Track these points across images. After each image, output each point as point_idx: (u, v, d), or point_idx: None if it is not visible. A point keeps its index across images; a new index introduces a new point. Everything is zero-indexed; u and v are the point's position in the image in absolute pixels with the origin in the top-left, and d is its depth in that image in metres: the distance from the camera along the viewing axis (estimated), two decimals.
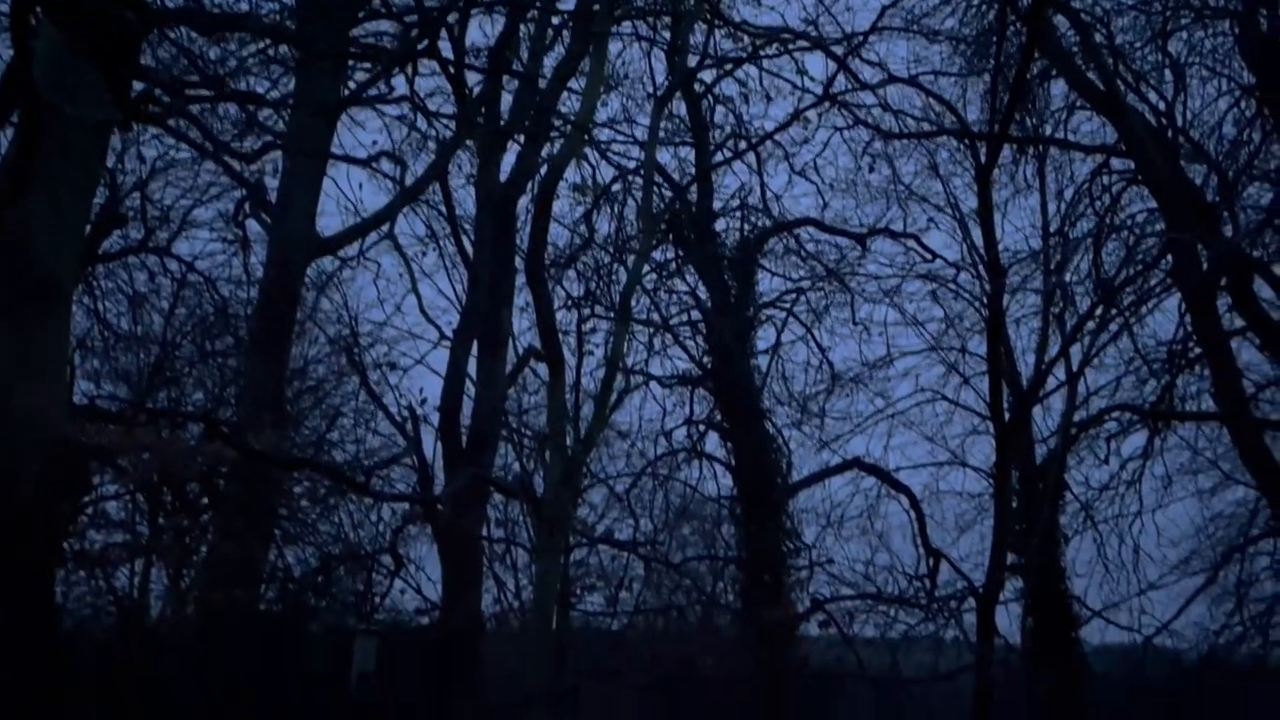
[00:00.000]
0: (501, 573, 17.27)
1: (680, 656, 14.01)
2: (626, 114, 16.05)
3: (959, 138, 15.47)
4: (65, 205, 8.24)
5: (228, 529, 11.32)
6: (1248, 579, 15.12)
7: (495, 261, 13.73)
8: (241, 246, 14.82)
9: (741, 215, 17.16)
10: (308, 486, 15.00)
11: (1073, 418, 15.38)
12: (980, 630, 14.18)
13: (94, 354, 15.55)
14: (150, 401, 14.43)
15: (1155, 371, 15.27)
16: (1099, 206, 15.36)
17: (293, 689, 11.60)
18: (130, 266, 15.41)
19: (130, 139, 14.20)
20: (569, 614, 16.84)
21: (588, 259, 16.18)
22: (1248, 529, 15.17)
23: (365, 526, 15.80)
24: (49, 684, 7.73)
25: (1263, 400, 14.82)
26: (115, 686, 11.64)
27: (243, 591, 11.08)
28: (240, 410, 12.99)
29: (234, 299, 15.56)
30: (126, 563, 12.88)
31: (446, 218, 15.43)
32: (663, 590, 16.20)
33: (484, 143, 13.48)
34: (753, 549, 15.82)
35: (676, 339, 17.02)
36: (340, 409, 16.44)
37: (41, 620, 7.94)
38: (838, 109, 15.56)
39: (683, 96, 16.40)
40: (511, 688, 13.34)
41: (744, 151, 16.55)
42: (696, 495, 17.07)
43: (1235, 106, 14.19)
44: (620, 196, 15.93)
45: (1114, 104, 13.79)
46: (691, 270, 16.95)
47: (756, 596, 14.84)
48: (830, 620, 14.01)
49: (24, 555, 7.71)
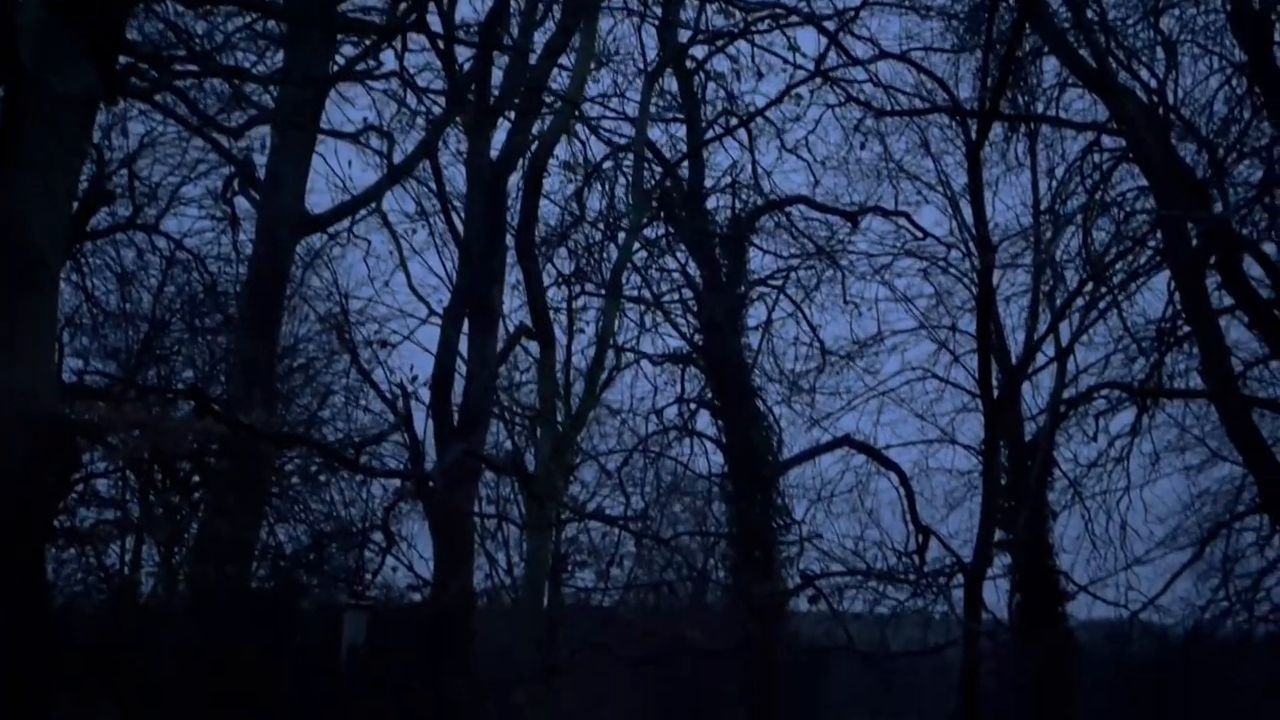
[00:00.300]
0: (493, 550, 17.36)
1: (671, 631, 14.09)
2: (618, 89, 16.00)
3: (950, 115, 15.45)
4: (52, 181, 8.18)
5: (219, 506, 11.32)
6: (1233, 554, 15.26)
7: (486, 239, 13.69)
8: (230, 224, 14.77)
9: (733, 193, 17.15)
10: (299, 464, 15.02)
11: (1062, 395, 15.45)
12: (968, 605, 14.30)
13: (82, 332, 15.51)
14: (140, 379, 14.40)
15: (1144, 349, 15.33)
16: (1089, 184, 15.39)
17: (284, 664, 11.64)
18: (118, 244, 15.35)
19: (116, 115, 14.11)
20: (560, 590, 16.94)
21: (578, 236, 16.17)
22: (1234, 505, 15.30)
23: (357, 504, 15.84)
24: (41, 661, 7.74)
25: (1250, 378, 14.90)
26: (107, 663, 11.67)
27: (234, 568, 11.08)
28: (230, 388, 12.96)
29: (223, 277, 15.53)
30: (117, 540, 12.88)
31: (436, 195, 15.38)
32: (654, 567, 16.30)
33: (474, 119, 13.40)
34: (743, 525, 15.90)
35: (667, 317, 17.03)
36: (331, 387, 16.46)
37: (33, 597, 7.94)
38: (829, 86, 15.52)
39: (674, 72, 16.33)
40: (503, 663, 13.42)
41: (735, 128, 16.51)
42: (688, 473, 17.17)
43: (1227, 84, 14.19)
44: (611, 174, 15.91)
45: (1105, 81, 13.77)
46: (682, 248, 16.94)
47: (747, 572, 14.93)
48: (819, 596, 14.10)
49: (14, 532, 7.70)
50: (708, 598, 17.20)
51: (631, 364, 16.99)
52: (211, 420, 9.13)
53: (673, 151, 16.82)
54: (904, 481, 15.53)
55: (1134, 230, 14.47)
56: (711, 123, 16.86)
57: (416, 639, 13.12)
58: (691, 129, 16.76)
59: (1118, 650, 16.04)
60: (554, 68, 13.95)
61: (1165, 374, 15.34)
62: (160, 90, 9.59)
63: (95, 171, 14.08)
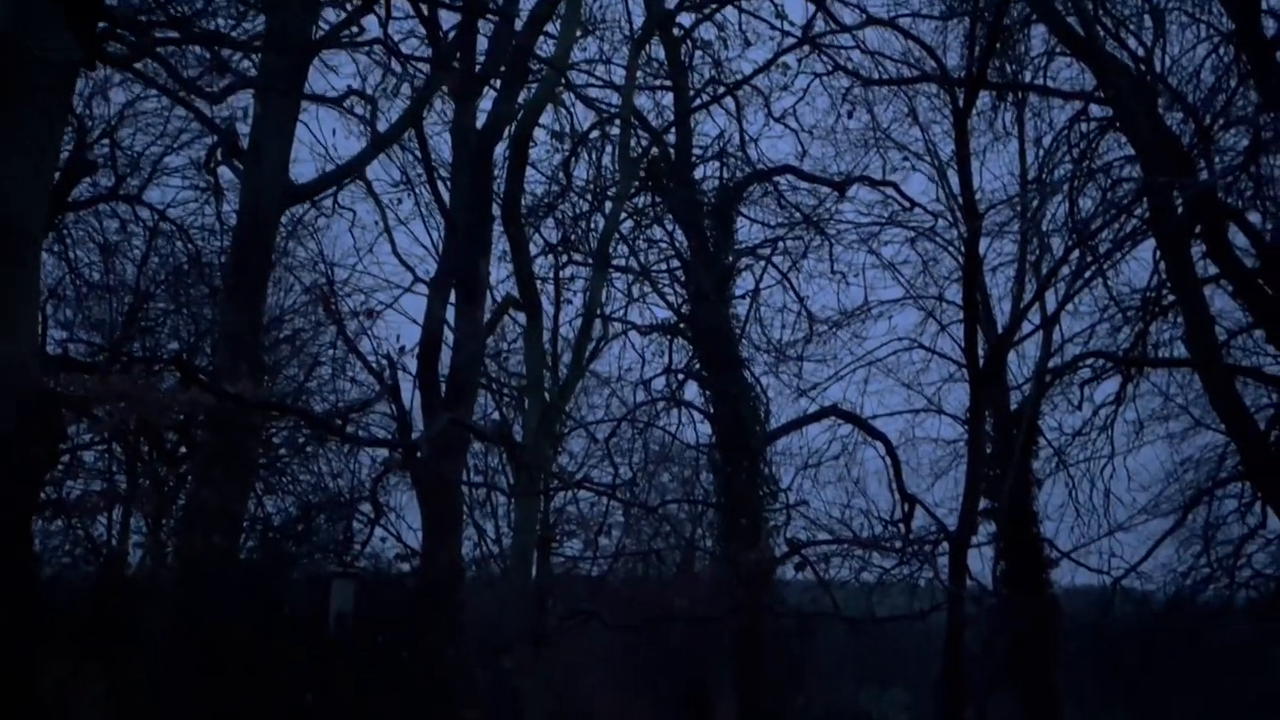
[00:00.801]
0: (481, 520, 17.42)
1: (659, 599, 14.20)
2: (604, 56, 15.88)
3: (938, 83, 15.39)
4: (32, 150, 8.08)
5: (206, 477, 11.30)
6: (1215, 521, 15.43)
7: (472, 208, 13.61)
8: (214, 194, 14.64)
9: (720, 161, 17.09)
10: (286, 435, 15.01)
11: (1047, 364, 15.54)
12: (953, 572, 14.44)
13: (66, 304, 15.41)
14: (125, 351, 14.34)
15: (1129, 318, 15.41)
16: (1076, 153, 15.38)
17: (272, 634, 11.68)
18: (101, 215, 15.24)
19: (97, 83, 13.95)
20: (549, 560, 17.01)
21: (565, 207, 16.10)
22: (1216, 473, 15.45)
23: (345, 475, 15.87)
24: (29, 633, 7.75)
25: (1234, 347, 15.00)
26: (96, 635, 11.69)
27: (222, 540, 11.07)
28: (216, 360, 12.90)
29: (207, 248, 15.43)
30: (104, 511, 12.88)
31: (422, 164, 15.26)
32: (642, 536, 16.38)
33: (459, 86, 13.29)
34: (730, 494, 15.99)
35: (655, 287, 17.02)
36: (318, 358, 16.41)
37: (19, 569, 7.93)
38: (817, 53, 15.44)
39: (660, 40, 16.21)
40: (491, 632, 13.49)
41: (722, 95, 16.43)
42: (675, 443, 17.22)
43: (1214, 53, 14.17)
44: (598, 143, 15.82)
45: (1093, 50, 13.73)
46: (670, 218, 16.89)
47: (734, 541, 15.02)
48: (806, 563, 14.21)
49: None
50: (695, 566, 17.31)
51: (619, 334, 17.01)
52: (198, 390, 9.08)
53: (660, 122, 16.75)
54: (890, 450, 15.66)
55: (1120, 198, 14.49)
56: (699, 91, 16.78)
57: (405, 608, 13.18)
58: (678, 97, 16.67)
59: (1100, 616, 16.22)
60: (540, 35, 13.82)
61: (1149, 343, 15.45)
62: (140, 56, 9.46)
63: (76, 141, 13.94)
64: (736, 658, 16.47)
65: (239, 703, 10.64)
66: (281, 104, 11.98)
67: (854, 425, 16.44)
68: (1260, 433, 13.72)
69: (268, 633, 11.66)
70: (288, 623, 12.20)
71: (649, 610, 14.07)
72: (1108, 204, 14.18)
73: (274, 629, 11.97)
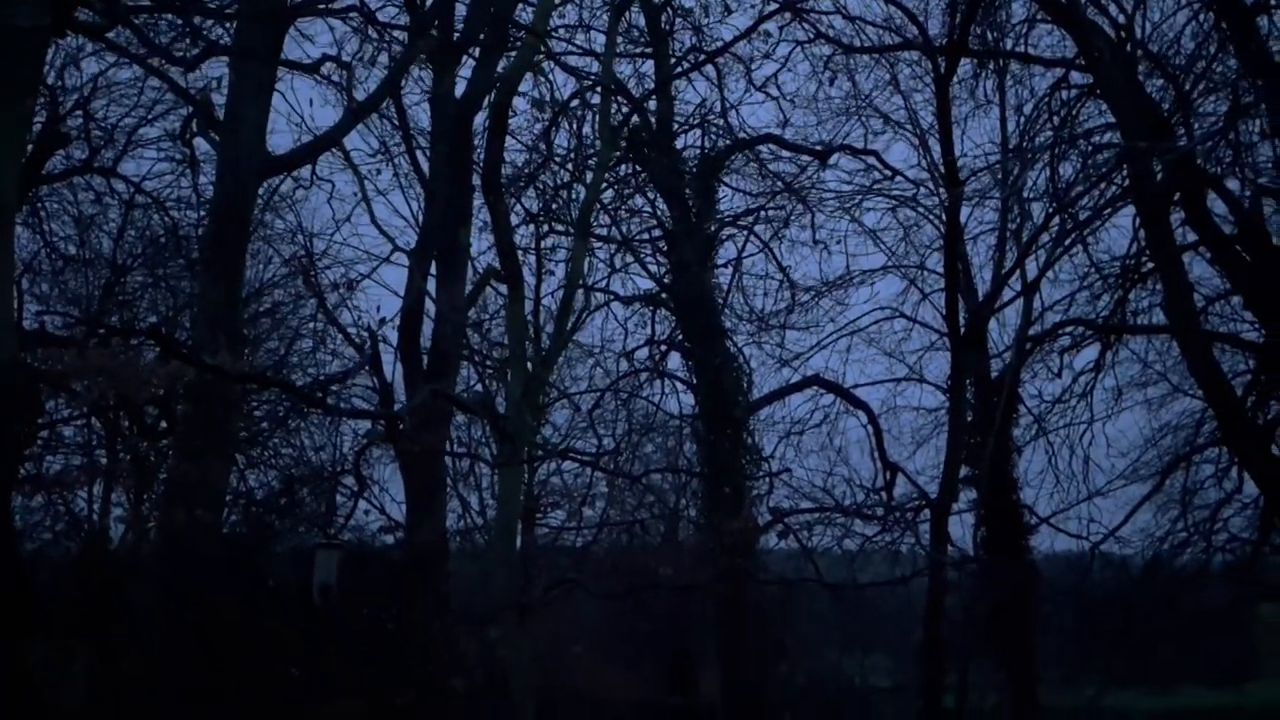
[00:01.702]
0: (465, 492, 17.42)
1: (643, 568, 14.28)
2: (583, 24, 15.73)
3: (920, 50, 15.34)
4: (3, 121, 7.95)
5: (187, 450, 11.24)
6: (1192, 486, 15.57)
7: (451, 178, 13.50)
8: (190, 165, 14.46)
9: (702, 131, 17.01)
10: (268, 408, 14.94)
11: (1027, 332, 15.61)
12: (934, 539, 14.57)
13: (42, 278, 15.24)
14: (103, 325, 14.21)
15: (1109, 285, 15.48)
16: (1056, 120, 15.38)
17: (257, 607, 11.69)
18: (76, 187, 15.04)
19: (69, 53, 13.72)
20: (533, 531, 17.06)
21: (546, 176, 15.99)
22: (1194, 438, 15.58)
23: (327, 448, 15.83)
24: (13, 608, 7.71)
25: (1212, 313, 15.10)
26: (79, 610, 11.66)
27: (205, 514, 11.04)
28: (195, 333, 12.80)
29: (184, 220, 15.26)
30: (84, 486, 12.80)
31: (400, 133, 15.11)
32: (626, 506, 16.44)
33: (437, 54, 13.14)
34: (713, 464, 16.05)
35: (637, 257, 16.97)
36: (299, 331, 16.31)
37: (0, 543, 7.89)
38: (798, 20, 15.34)
39: (641, 6, 16.07)
40: (477, 602, 13.54)
41: (703, 62, 16.33)
42: (659, 413, 17.26)
43: (1194, 19, 14.16)
44: (579, 111, 15.69)
45: (1074, 16, 13.70)
46: (651, 187, 16.82)
47: (717, 510, 15.10)
48: (789, 531, 14.32)
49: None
50: (679, 535, 17.40)
51: (602, 305, 16.97)
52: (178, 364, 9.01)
53: (640, 89, 16.63)
54: (872, 419, 15.76)
55: (1100, 165, 14.51)
56: (680, 58, 16.67)
57: (390, 581, 13.21)
58: (659, 65, 16.56)
59: (1079, 581, 16.41)
60: (519, 2, 13.68)
61: (1129, 310, 15.53)
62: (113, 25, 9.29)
63: (49, 114, 13.73)
64: (720, 626, 16.59)
65: (224, 676, 10.65)
66: (257, 73, 11.81)
67: (836, 394, 16.51)
68: (1237, 399, 13.84)
69: (252, 606, 11.66)
70: (272, 596, 12.21)
71: (633, 579, 14.15)
72: (1088, 171, 14.19)
73: (258, 602, 11.98)
